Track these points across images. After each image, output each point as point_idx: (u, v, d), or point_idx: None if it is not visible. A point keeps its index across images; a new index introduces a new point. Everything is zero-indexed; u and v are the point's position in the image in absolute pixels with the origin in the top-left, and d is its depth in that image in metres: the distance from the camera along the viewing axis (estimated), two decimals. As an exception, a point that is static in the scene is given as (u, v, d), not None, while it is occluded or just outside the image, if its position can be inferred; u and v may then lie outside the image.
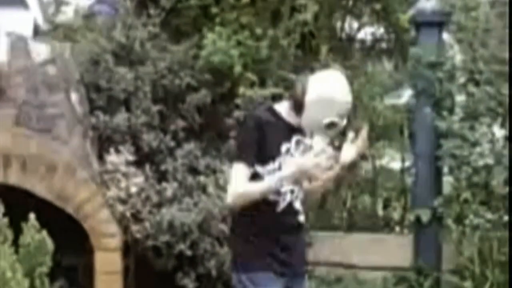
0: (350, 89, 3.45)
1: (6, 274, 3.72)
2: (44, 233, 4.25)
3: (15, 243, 4.35)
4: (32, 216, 4.24)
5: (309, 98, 3.37)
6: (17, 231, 4.76)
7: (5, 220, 4.17)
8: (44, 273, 4.17)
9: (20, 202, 5.60)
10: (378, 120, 8.04)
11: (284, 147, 3.46)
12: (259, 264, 3.46)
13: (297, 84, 3.48)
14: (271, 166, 3.42)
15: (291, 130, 3.48)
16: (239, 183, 3.39)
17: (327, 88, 3.38)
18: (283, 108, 3.54)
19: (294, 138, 3.48)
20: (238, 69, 6.91)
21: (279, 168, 3.42)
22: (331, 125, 3.36)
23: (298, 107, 3.42)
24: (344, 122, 3.43)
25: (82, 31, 7.09)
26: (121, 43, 6.87)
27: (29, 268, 4.03)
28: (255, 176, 3.42)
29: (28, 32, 6.37)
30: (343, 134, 3.60)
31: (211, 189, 6.32)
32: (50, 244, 4.22)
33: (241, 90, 6.77)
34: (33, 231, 4.22)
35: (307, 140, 3.46)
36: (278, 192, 3.45)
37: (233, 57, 6.90)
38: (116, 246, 5.91)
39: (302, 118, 3.41)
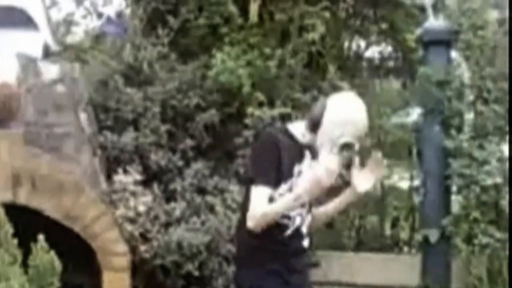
0: (366, 115, 3.46)
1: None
2: (53, 253, 4.26)
3: (24, 263, 4.36)
4: (41, 237, 4.25)
5: (328, 117, 3.40)
6: (27, 251, 4.79)
7: (15, 240, 4.17)
8: (53, 293, 4.18)
9: (28, 222, 5.63)
10: (386, 139, 8.05)
11: (296, 169, 3.45)
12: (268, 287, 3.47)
13: (316, 103, 3.52)
14: (283, 188, 3.41)
15: (304, 151, 3.49)
16: (258, 205, 3.36)
17: (347, 109, 3.41)
18: (296, 128, 3.55)
19: (307, 160, 3.48)
20: (246, 88, 6.94)
21: (290, 190, 3.40)
22: (347, 146, 3.37)
23: (314, 126, 3.43)
24: (358, 146, 3.43)
25: (91, 51, 7.15)
26: (130, 64, 6.93)
27: (38, 288, 4.05)
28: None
29: (38, 53, 6.41)
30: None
31: (218, 208, 6.33)
32: (58, 265, 4.23)
33: (250, 109, 6.79)
34: (42, 252, 4.23)
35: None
36: (288, 216, 3.45)
37: (241, 77, 6.93)
38: (124, 265, 5.91)
39: (317, 136, 3.42)
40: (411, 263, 7.06)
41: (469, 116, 7.01)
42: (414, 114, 8.06)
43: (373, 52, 8.61)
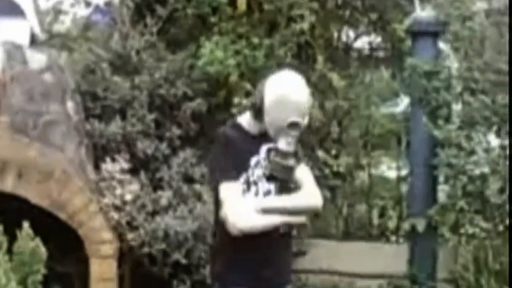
0: (307, 88, 3.37)
1: (0, 282, 3.73)
2: (38, 240, 4.25)
3: (10, 250, 4.35)
4: (26, 224, 4.25)
5: (267, 101, 3.30)
6: (12, 239, 4.79)
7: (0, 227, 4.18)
8: (38, 280, 4.18)
9: (17, 210, 5.64)
10: (374, 129, 8.07)
11: (253, 161, 3.40)
12: (233, 280, 3.41)
13: (255, 91, 3.45)
14: (241, 181, 3.34)
15: (258, 141, 3.43)
16: (245, 205, 3.30)
17: (283, 88, 3.30)
18: (245, 120, 3.49)
19: (264, 148, 3.42)
20: (234, 78, 6.95)
21: (248, 182, 3.36)
22: (293, 125, 3.28)
23: (257, 113, 3.37)
24: (306, 121, 3.36)
25: (79, 40, 7.13)
26: (117, 52, 6.91)
27: (23, 275, 4.04)
28: None
29: (25, 40, 6.39)
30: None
31: (206, 197, 6.32)
32: (43, 252, 4.23)
33: (236, 99, 6.79)
34: (27, 239, 4.22)
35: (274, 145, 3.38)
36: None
37: (229, 67, 6.92)
38: (111, 253, 5.92)
39: (265, 122, 3.35)
40: (398, 252, 7.10)
41: (457, 106, 7.04)
42: (403, 104, 8.09)
43: (362, 42, 8.59)
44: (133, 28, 7.06)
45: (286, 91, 3.30)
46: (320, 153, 7.19)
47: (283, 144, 3.32)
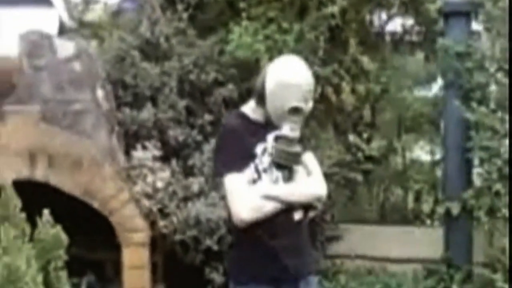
0: (309, 72, 3.29)
1: (21, 268, 3.73)
2: (59, 227, 4.24)
3: (32, 238, 4.35)
4: (46, 211, 4.25)
5: (268, 87, 3.25)
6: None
7: (23, 215, 4.17)
8: (59, 267, 4.17)
9: (51, 199, 5.66)
10: (407, 112, 7.98)
11: (259, 148, 3.33)
12: (247, 275, 3.35)
13: (258, 77, 3.39)
14: (247, 172, 3.28)
15: (265, 129, 3.36)
16: (248, 196, 3.23)
17: (284, 73, 3.25)
18: (249, 108, 3.43)
19: (270, 136, 3.35)
20: (264, 63, 6.88)
21: (257, 170, 3.30)
22: (295, 110, 3.24)
23: (260, 99, 3.31)
24: (309, 106, 3.31)
25: (109, 28, 7.14)
26: (147, 39, 6.90)
27: (44, 262, 4.04)
28: None
29: (53, 29, 6.41)
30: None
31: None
32: (65, 239, 4.22)
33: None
34: (48, 226, 4.22)
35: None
36: None
37: (259, 51, 6.88)
38: (143, 241, 5.92)
39: (267, 110, 3.30)
40: (434, 236, 7.01)
41: (491, 88, 6.91)
42: (436, 87, 7.99)
43: (395, 25, 8.49)
44: (162, 14, 7.04)
45: (286, 76, 3.24)
46: (352, 138, 7.13)
47: (286, 130, 3.27)
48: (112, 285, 6.28)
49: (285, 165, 3.34)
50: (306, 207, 3.41)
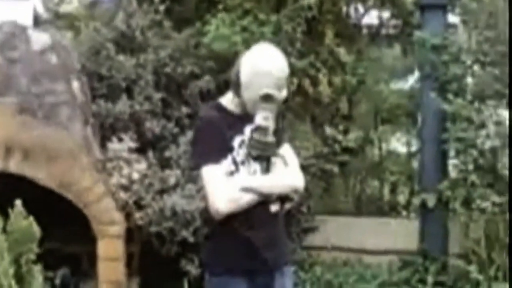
0: (283, 60, 3.25)
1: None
2: (31, 219, 4.21)
3: (5, 230, 4.31)
4: (18, 202, 4.21)
5: (243, 75, 3.22)
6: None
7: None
8: (31, 259, 4.14)
9: (26, 192, 5.62)
10: (384, 104, 8.00)
11: (237, 141, 3.30)
12: (222, 267, 3.34)
13: (233, 67, 3.33)
14: (225, 164, 3.27)
15: (242, 121, 3.32)
16: (225, 187, 3.22)
17: (258, 60, 3.21)
18: (226, 100, 3.39)
19: (248, 128, 3.30)
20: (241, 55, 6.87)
21: (234, 162, 3.28)
22: (267, 97, 3.20)
23: (236, 88, 3.28)
24: (283, 94, 3.27)
25: (84, 20, 7.10)
26: (122, 32, 6.87)
27: (16, 254, 4.01)
28: None
29: (28, 21, 6.36)
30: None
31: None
32: (36, 231, 4.18)
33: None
34: (20, 218, 4.18)
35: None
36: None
37: (236, 43, 6.86)
38: (119, 233, 5.89)
39: (243, 100, 3.27)
40: (409, 227, 7.05)
41: (467, 80, 6.95)
42: (412, 79, 8.02)
43: (372, 17, 8.51)
44: (138, 7, 7.01)
45: (260, 63, 3.20)
46: (329, 129, 7.14)
47: (260, 119, 3.22)
48: (87, 278, 6.25)
49: (260, 155, 3.29)
50: (283, 198, 3.39)
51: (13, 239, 3.94)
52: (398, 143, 8.41)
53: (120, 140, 6.27)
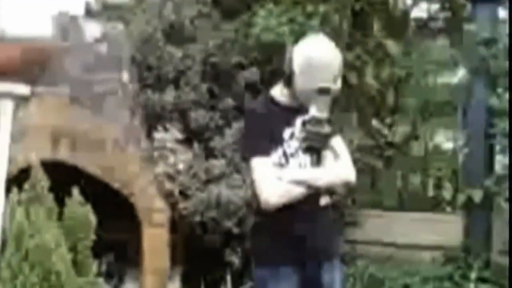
0: (337, 51, 3.25)
1: (50, 248, 3.79)
2: (88, 207, 4.31)
3: (61, 218, 4.43)
4: (75, 191, 4.31)
5: (295, 67, 3.22)
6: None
7: (51, 195, 4.24)
8: (87, 246, 4.24)
9: (70, 179, 5.72)
10: (431, 98, 7.93)
11: (287, 133, 3.31)
12: (270, 258, 3.35)
13: (284, 58, 3.32)
14: (275, 156, 3.27)
15: (293, 113, 3.33)
16: (275, 180, 3.22)
17: (312, 52, 3.22)
18: (277, 92, 3.39)
19: (299, 120, 3.31)
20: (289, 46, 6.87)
21: (285, 155, 3.29)
22: (324, 90, 3.20)
23: (288, 80, 3.27)
24: (338, 85, 3.27)
25: (134, 10, 7.16)
26: (171, 22, 6.91)
27: (73, 241, 4.11)
28: None
29: (79, 11, 6.46)
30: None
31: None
32: (93, 218, 4.29)
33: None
34: (77, 206, 4.28)
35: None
36: None
37: (284, 34, 6.86)
38: (163, 221, 5.99)
39: (295, 91, 3.26)
40: (454, 223, 6.99)
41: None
42: (461, 73, 7.94)
43: (420, 10, 8.44)
44: (187, -3, 7.05)
45: (314, 55, 3.20)
46: (375, 123, 7.11)
47: (314, 110, 3.22)
48: (132, 266, 6.34)
49: (315, 147, 3.30)
50: (332, 192, 3.41)
51: (69, 226, 4.03)
52: (443, 138, 8.33)
53: (166, 130, 6.34)
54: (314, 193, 3.32)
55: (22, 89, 3.68)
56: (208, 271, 6.29)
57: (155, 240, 5.96)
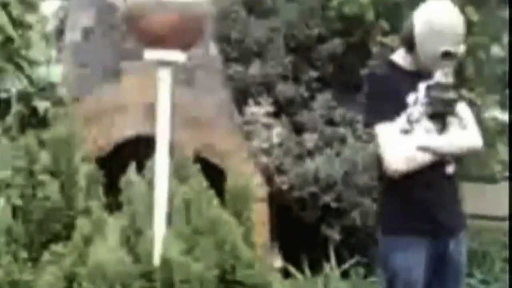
0: (460, 15, 3.18)
1: (222, 219, 3.71)
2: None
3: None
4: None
5: (417, 32, 3.15)
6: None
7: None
8: (252, 220, 4.17)
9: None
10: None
11: (411, 98, 3.22)
12: (396, 226, 3.25)
13: (404, 23, 3.26)
14: (399, 121, 3.18)
15: (416, 78, 3.24)
16: (401, 145, 3.15)
17: (434, 16, 3.14)
18: (398, 56, 3.31)
19: (422, 85, 3.22)
20: (369, 17, 6.74)
21: (409, 120, 3.19)
22: (448, 54, 3.11)
23: (410, 44, 3.20)
24: (461, 49, 3.18)
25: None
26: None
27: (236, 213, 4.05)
28: None
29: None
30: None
31: (350, 139, 6.18)
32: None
33: (378, 38, 6.60)
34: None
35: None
36: None
37: (364, 5, 6.73)
38: (263, 196, 5.83)
39: (418, 56, 3.18)
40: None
41: None
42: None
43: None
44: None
45: (438, 19, 3.14)
46: (465, 92, 6.95)
47: (439, 76, 3.15)
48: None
49: (441, 113, 3.21)
50: (458, 159, 3.30)
51: (231, 197, 3.94)
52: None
53: (257, 103, 6.20)
54: (440, 160, 3.20)
55: (180, 56, 3.65)
56: (305, 246, 6.15)
57: (256, 215, 5.80)
